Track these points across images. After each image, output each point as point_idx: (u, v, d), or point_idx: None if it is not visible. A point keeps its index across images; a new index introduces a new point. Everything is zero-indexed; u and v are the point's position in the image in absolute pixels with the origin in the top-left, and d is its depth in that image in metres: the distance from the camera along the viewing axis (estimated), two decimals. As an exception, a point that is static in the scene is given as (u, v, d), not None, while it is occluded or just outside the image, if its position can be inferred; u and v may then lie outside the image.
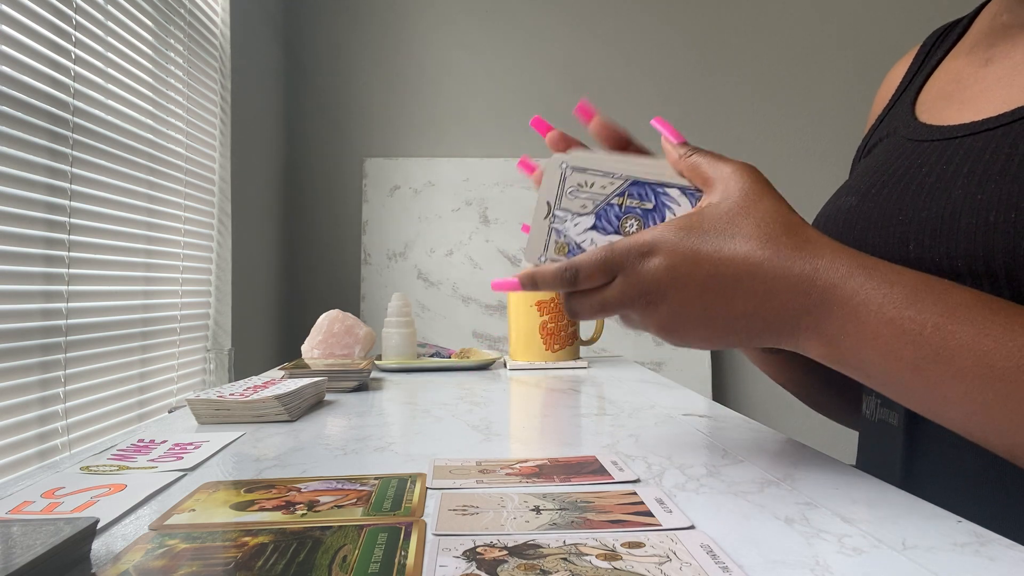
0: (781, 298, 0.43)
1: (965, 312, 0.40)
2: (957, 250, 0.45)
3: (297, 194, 2.29)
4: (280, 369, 0.95)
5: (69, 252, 1.07)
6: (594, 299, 0.48)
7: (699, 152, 0.48)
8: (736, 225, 0.45)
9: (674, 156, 0.49)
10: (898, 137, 0.58)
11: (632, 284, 0.46)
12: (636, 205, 0.49)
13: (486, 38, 2.33)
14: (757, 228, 0.44)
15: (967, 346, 0.39)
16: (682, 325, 0.46)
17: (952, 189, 0.47)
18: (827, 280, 0.42)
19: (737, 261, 0.44)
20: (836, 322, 0.42)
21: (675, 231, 0.46)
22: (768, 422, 0.77)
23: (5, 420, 0.94)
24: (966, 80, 0.56)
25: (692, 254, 0.45)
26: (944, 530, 0.37)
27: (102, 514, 0.40)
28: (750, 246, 0.44)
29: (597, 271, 0.47)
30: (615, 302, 0.47)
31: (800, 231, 0.44)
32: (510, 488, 0.45)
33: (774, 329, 0.45)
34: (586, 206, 0.50)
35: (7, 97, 0.94)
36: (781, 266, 0.43)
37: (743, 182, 0.46)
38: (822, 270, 0.43)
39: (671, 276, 0.45)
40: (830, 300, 0.42)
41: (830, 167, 2.31)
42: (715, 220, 0.45)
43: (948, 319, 0.40)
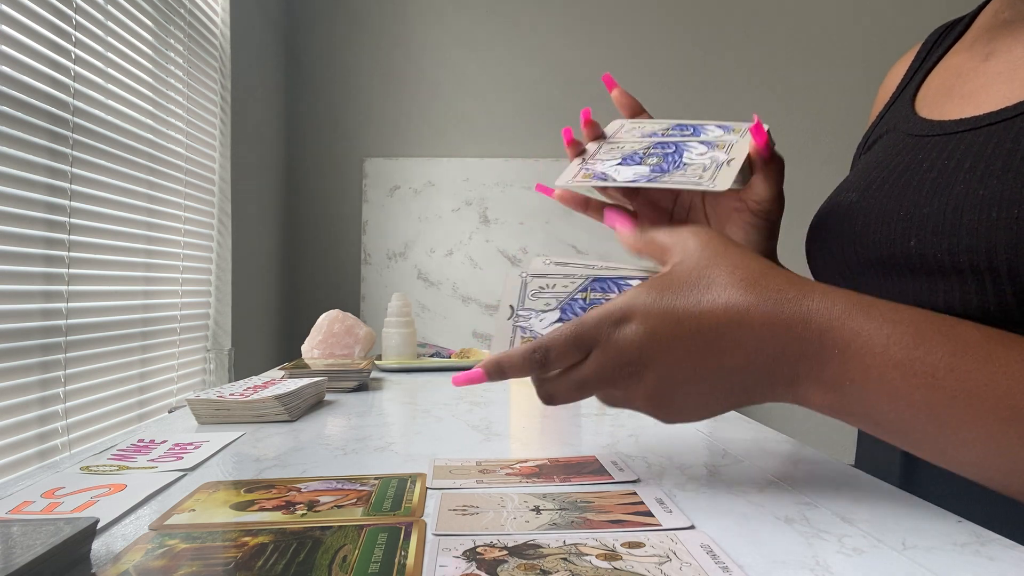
0: (775, 345, 0.40)
1: (977, 351, 0.38)
2: (959, 246, 0.45)
3: (297, 194, 2.29)
4: (280, 369, 0.95)
5: (69, 252, 1.07)
6: (570, 379, 0.44)
7: (652, 228, 0.47)
8: (709, 277, 0.42)
9: (630, 241, 0.48)
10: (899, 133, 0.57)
11: (610, 356, 0.43)
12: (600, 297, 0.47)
13: (486, 38, 2.33)
14: (731, 275, 0.41)
15: (984, 387, 0.37)
16: (672, 392, 0.43)
17: (954, 185, 0.47)
18: (824, 321, 0.39)
19: (719, 312, 0.41)
20: (838, 367, 0.39)
21: (647, 292, 0.42)
22: (768, 422, 0.77)
23: (5, 420, 0.94)
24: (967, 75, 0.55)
25: (670, 313, 0.41)
26: (944, 530, 0.37)
27: (102, 514, 0.40)
28: (729, 293, 0.41)
29: (569, 347, 0.43)
30: (594, 378, 0.44)
31: (778, 273, 0.42)
32: (510, 488, 0.45)
33: (770, 380, 0.41)
34: (550, 303, 0.48)
35: (7, 97, 0.94)
36: (769, 311, 0.40)
37: (701, 238, 0.44)
38: (815, 311, 0.40)
39: (651, 341, 0.42)
40: (829, 343, 0.39)
41: (830, 166, 2.31)
42: (685, 275, 0.42)
43: (961, 359, 0.37)
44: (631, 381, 0.43)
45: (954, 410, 0.37)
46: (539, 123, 2.31)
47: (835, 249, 0.55)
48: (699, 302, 0.41)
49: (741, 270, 0.42)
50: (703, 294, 0.41)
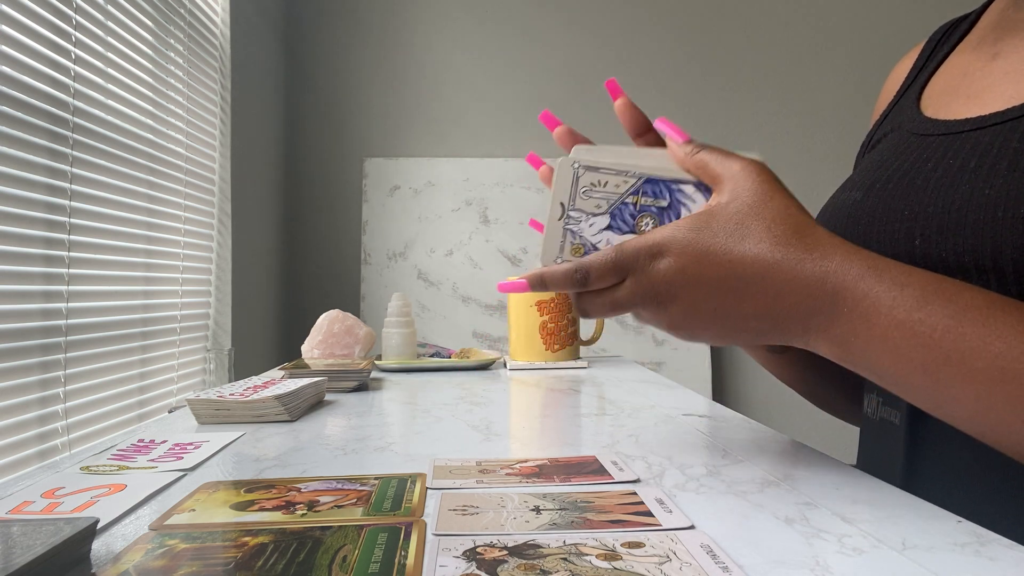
0: (791, 299, 0.43)
1: (976, 314, 0.40)
2: (964, 245, 0.45)
3: (297, 194, 2.29)
4: (280, 369, 0.95)
5: (69, 252, 1.07)
6: (605, 299, 0.48)
7: (706, 149, 0.48)
8: (747, 226, 0.44)
9: (680, 155, 0.49)
10: (903, 132, 0.57)
11: (642, 285, 0.46)
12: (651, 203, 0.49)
13: (486, 38, 2.33)
14: (768, 230, 0.44)
15: (977, 348, 0.39)
16: (692, 324, 0.47)
17: (959, 184, 0.47)
18: (838, 282, 0.42)
19: (747, 262, 0.44)
20: (846, 324, 0.43)
21: (685, 231, 0.45)
22: (768, 422, 0.77)
23: (5, 420, 0.94)
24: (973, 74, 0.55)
25: (702, 255, 0.45)
26: (944, 530, 0.37)
27: (102, 514, 0.40)
28: (760, 248, 0.44)
29: (607, 272, 0.47)
30: (626, 302, 0.48)
31: (811, 232, 0.44)
32: (510, 488, 0.45)
33: (783, 328, 0.45)
34: (600, 206, 0.49)
35: (7, 97, 0.94)
36: (792, 268, 0.43)
37: (752, 181, 0.46)
38: (832, 272, 0.43)
39: (682, 277, 0.45)
40: (840, 302, 0.42)
41: (830, 166, 2.31)
42: (725, 220, 0.45)
43: (958, 321, 0.40)
44: (659, 308, 0.47)
45: (948, 368, 0.40)
46: (539, 123, 2.31)
47: None
48: (731, 250, 0.44)
49: (778, 225, 0.44)
50: (736, 243, 0.44)
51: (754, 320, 0.45)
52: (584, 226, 0.49)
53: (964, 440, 0.45)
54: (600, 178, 0.49)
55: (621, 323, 2.22)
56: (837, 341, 0.44)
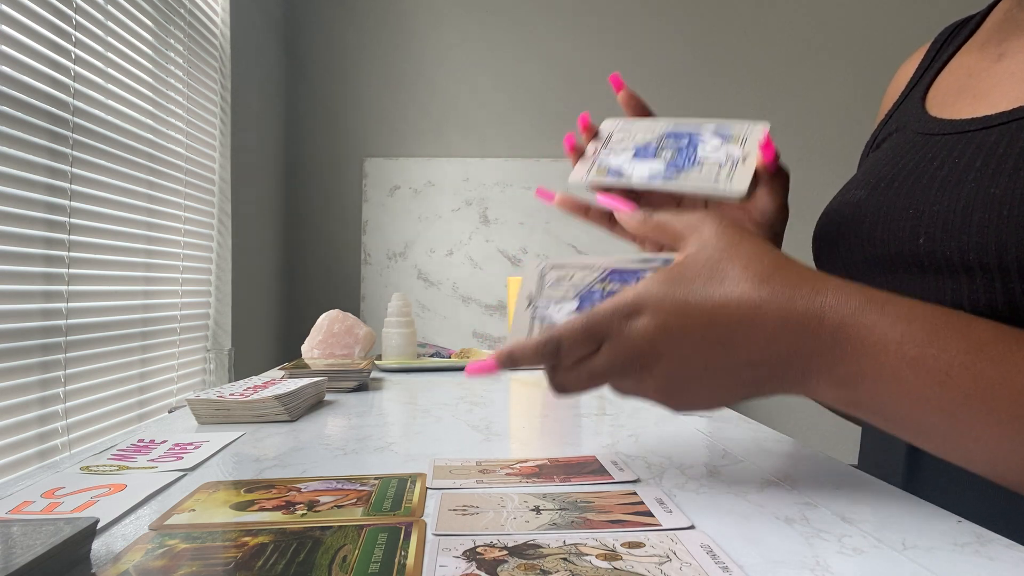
0: (786, 341, 0.40)
1: (991, 349, 0.37)
2: (969, 244, 0.45)
3: (297, 194, 2.29)
4: (280, 369, 0.95)
5: (69, 252, 1.07)
6: (581, 371, 0.44)
7: (659, 212, 0.47)
8: (722, 270, 0.41)
9: (633, 224, 0.47)
10: (909, 131, 0.57)
11: (621, 349, 0.42)
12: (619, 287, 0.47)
13: (486, 38, 2.33)
14: (745, 269, 0.41)
15: (998, 385, 0.37)
16: (683, 385, 0.43)
17: (964, 183, 0.47)
18: (837, 318, 0.39)
19: (732, 307, 0.40)
20: (851, 363, 0.39)
21: (658, 285, 0.42)
22: (768, 422, 0.77)
23: (5, 420, 0.94)
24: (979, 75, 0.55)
25: (681, 307, 0.41)
26: (944, 530, 0.37)
27: (102, 514, 0.40)
28: (742, 288, 0.41)
29: (580, 340, 0.43)
30: (604, 371, 0.43)
31: (794, 267, 0.41)
32: (510, 488, 0.45)
33: (781, 375, 0.41)
34: (568, 293, 0.48)
35: (7, 97, 0.94)
36: (782, 307, 0.40)
37: (716, 227, 0.43)
38: (829, 307, 0.39)
39: (662, 334, 0.41)
40: (842, 339, 0.39)
41: (831, 166, 2.31)
42: (698, 268, 0.42)
43: (975, 357, 0.37)
44: (642, 373, 0.43)
45: (968, 408, 0.37)
46: (539, 123, 2.31)
47: (842, 247, 0.55)
48: (711, 296, 0.41)
49: (755, 264, 0.41)
50: (716, 288, 0.41)
51: (748, 369, 0.41)
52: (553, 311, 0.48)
53: None
54: (566, 272, 0.49)
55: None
56: (843, 383, 0.40)
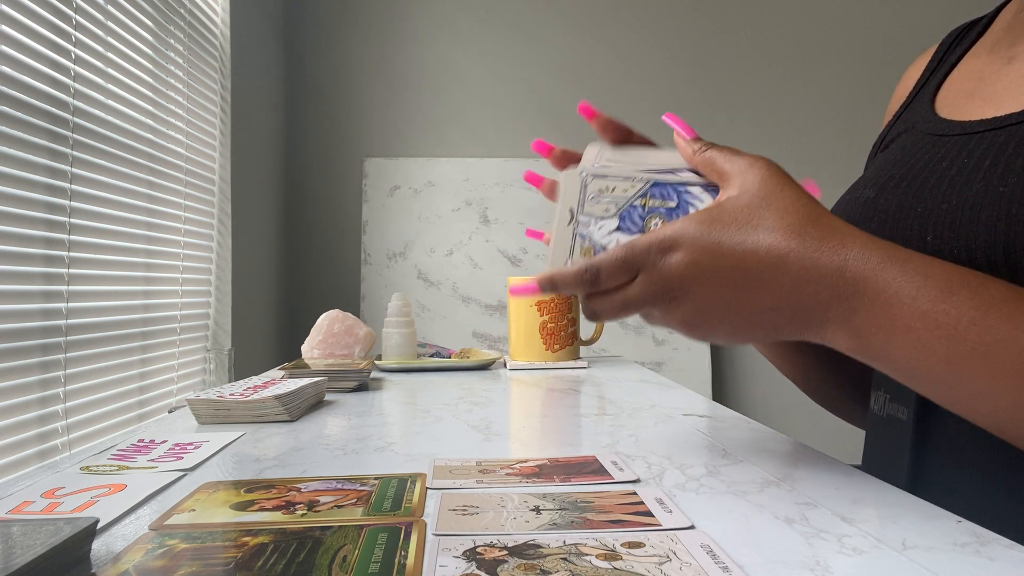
0: (808, 290, 0.42)
1: (1002, 307, 0.39)
2: (977, 242, 0.45)
3: (297, 194, 2.29)
4: (280, 369, 0.95)
5: (69, 252, 1.07)
6: (616, 298, 0.47)
7: (713, 147, 0.48)
8: (758, 216, 0.43)
9: (687, 152, 0.49)
10: (917, 132, 0.57)
11: (654, 281, 0.45)
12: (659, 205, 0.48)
13: (486, 39, 2.33)
14: (780, 219, 0.43)
15: (1004, 342, 0.38)
16: (706, 320, 0.45)
17: (973, 182, 0.47)
18: (857, 271, 0.41)
19: (761, 253, 0.43)
20: (866, 314, 0.41)
21: (696, 225, 0.44)
22: (768, 422, 0.77)
23: (5, 420, 0.94)
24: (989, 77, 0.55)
25: (714, 248, 0.44)
26: (944, 530, 0.37)
27: (102, 514, 0.40)
28: (774, 237, 0.43)
29: (618, 270, 0.46)
30: (637, 300, 0.46)
31: (825, 221, 0.43)
32: (510, 488, 0.45)
33: (800, 321, 0.44)
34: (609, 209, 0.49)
35: (7, 97, 0.94)
36: (808, 257, 0.42)
37: (761, 174, 0.45)
38: (851, 261, 0.41)
39: (694, 271, 0.44)
40: (861, 292, 0.41)
41: (831, 167, 2.31)
42: (736, 212, 0.44)
43: (984, 314, 0.39)
44: (671, 305, 0.46)
45: (972, 362, 0.39)
46: (539, 123, 2.31)
47: None
48: (744, 241, 0.43)
49: (791, 215, 0.43)
50: (749, 234, 0.43)
51: (770, 312, 0.44)
52: (593, 229, 0.49)
53: (971, 437, 0.45)
54: (608, 184, 0.49)
55: (622, 323, 2.22)
56: (857, 332, 0.42)
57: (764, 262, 0.43)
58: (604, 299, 0.48)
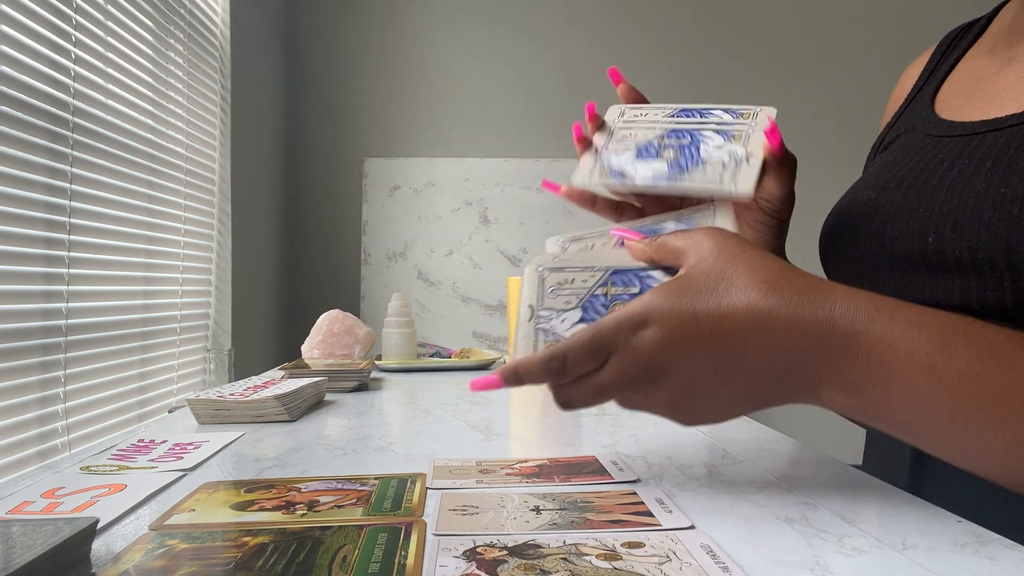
0: (797, 348, 0.39)
1: (1003, 355, 0.37)
2: (979, 243, 0.45)
3: (297, 194, 2.29)
4: (280, 369, 0.95)
5: (69, 252, 1.07)
6: (587, 385, 0.43)
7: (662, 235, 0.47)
8: (727, 278, 0.41)
9: (640, 252, 0.47)
10: (918, 133, 0.57)
11: (629, 362, 0.42)
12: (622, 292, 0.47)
13: (486, 38, 2.33)
14: (751, 277, 0.41)
15: (1009, 392, 0.36)
16: (693, 397, 0.42)
17: (975, 183, 0.47)
18: (847, 325, 0.39)
19: (740, 314, 0.40)
20: (861, 370, 0.39)
21: (664, 296, 0.42)
22: (768, 422, 0.77)
23: (5, 420, 0.94)
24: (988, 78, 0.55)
25: (689, 316, 0.41)
26: (944, 530, 0.37)
27: (102, 514, 0.40)
28: (750, 296, 0.40)
29: (586, 355, 0.42)
30: (612, 384, 0.43)
31: (800, 274, 0.41)
32: (510, 488, 0.45)
33: (792, 383, 0.41)
34: (570, 301, 0.47)
35: (7, 97, 0.94)
36: (792, 314, 0.39)
37: (716, 239, 0.43)
38: (839, 314, 0.39)
39: (671, 345, 0.41)
40: (854, 346, 0.39)
41: (831, 167, 2.31)
42: (703, 278, 0.42)
43: (986, 364, 0.37)
44: (650, 386, 0.42)
45: (980, 415, 0.37)
46: (539, 123, 2.31)
47: (851, 247, 0.55)
48: (719, 305, 0.41)
49: (761, 272, 0.41)
50: (722, 297, 0.41)
51: (759, 378, 0.41)
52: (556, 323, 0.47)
53: None
54: (566, 276, 0.48)
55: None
56: (852, 389, 0.40)
57: (746, 323, 0.40)
58: (575, 388, 0.44)
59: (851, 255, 0.55)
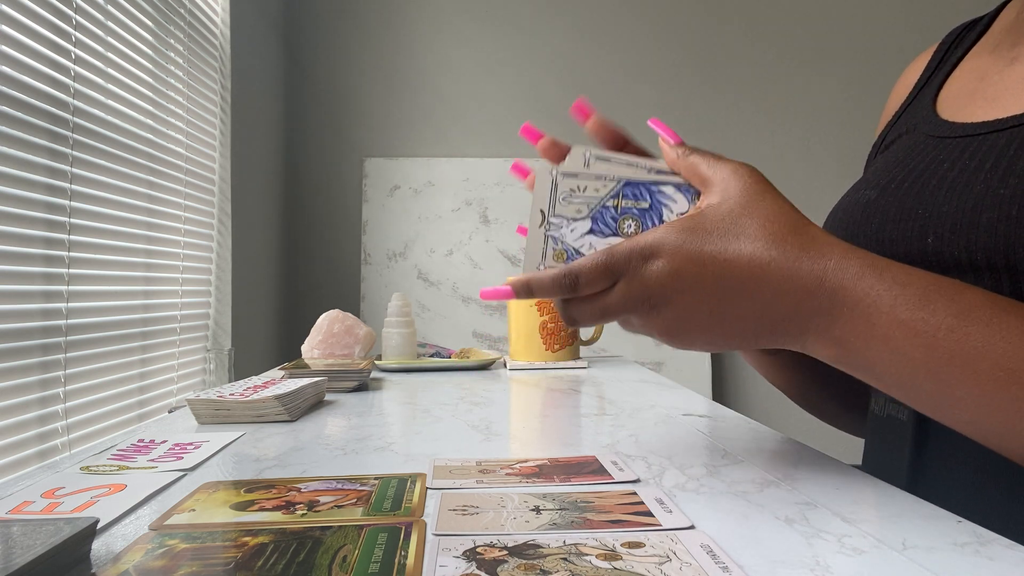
0: (789, 299, 0.42)
1: (979, 313, 0.39)
2: (977, 243, 0.45)
3: (297, 194, 2.29)
4: (280, 369, 0.95)
5: (69, 252, 1.07)
6: (595, 305, 0.47)
7: (696, 152, 0.48)
8: (740, 225, 0.43)
9: (671, 156, 0.48)
10: (919, 133, 0.57)
11: (635, 289, 0.45)
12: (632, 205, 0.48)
13: (486, 38, 2.33)
14: (762, 228, 0.43)
15: (981, 348, 0.38)
16: (687, 329, 0.45)
17: (974, 184, 0.47)
18: (837, 281, 0.42)
19: (743, 262, 0.43)
20: (846, 324, 0.42)
21: (677, 233, 0.44)
22: (768, 422, 0.77)
23: (5, 420, 0.94)
24: (991, 78, 0.55)
25: (696, 256, 0.44)
26: (944, 530, 0.37)
27: (102, 514, 0.40)
28: (755, 246, 0.43)
29: (598, 276, 0.45)
30: (617, 307, 0.46)
31: (806, 230, 0.43)
32: (510, 488, 0.45)
33: (781, 330, 0.44)
34: (581, 210, 0.48)
35: (7, 97, 0.94)
36: (789, 267, 0.42)
37: (743, 181, 0.45)
38: (831, 271, 0.42)
39: (675, 280, 0.44)
40: (840, 301, 0.41)
41: (831, 168, 2.31)
42: (717, 220, 0.44)
43: (962, 320, 0.39)
44: (651, 314, 0.45)
45: (951, 369, 0.39)
46: (539, 123, 2.28)
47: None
48: (725, 250, 0.43)
49: (772, 223, 0.43)
50: (731, 243, 0.43)
51: (751, 321, 0.44)
52: (566, 231, 0.48)
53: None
54: (579, 183, 0.48)
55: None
56: (836, 341, 0.43)
57: (745, 271, 0.43)
58: (583, 305, 0.47)
59: None
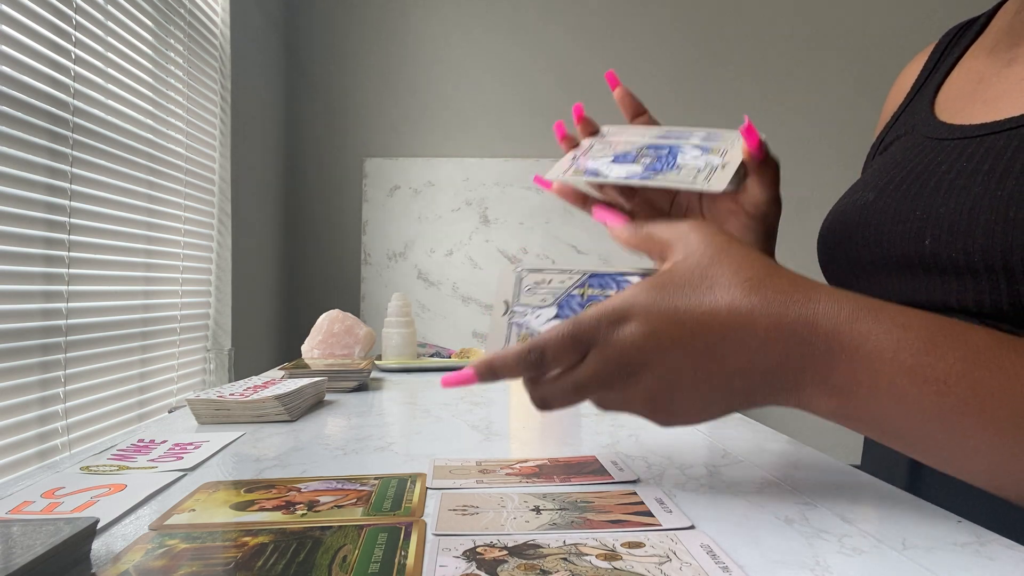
0: (779, 348, 0.39)
1: (988, 357, 0.37)
2: (974, 245, 0.45)
3: (297, 194, 2.29)
4: (280, 369, 0.95)
5: (69, 252, 1.07)
6: (566, 382, 0.42)
7: (648, 223, 0.46)
8: (711, 275, 0.40)
9: (625, 236, 0.46)
10: (917, 135, 0.57)
11: (608, 357, 0.41)
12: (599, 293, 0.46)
13: (486, 39, 2.33)
14: (735, 275, 0.40)
15: (996, 394, 0.36)
16: (671, 395, 0.41)
17: (972, 186, 0.47)
18: (830, 325, 0.38)
19: (723, 313, 0.39)
20: (845, 372, 0.38)
21: (647, 291, 0.41)
22: (768, 422, 0.77)
23: (5, 420, 0.94)
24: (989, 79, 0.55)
25: (670, 313, 0.40)
26: (944, 530, 0.37)
27: (102, 514, 0.40)
28: (733, 294, 0.39)
29: (566, 348, 0.41)
30: (591, 381, 0.41)
31: (784, 274, 0.40)
32: (510, 488, 0.45)
33: (774, 384, 0.40)
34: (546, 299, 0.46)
35: (7, 97, 0.94)
36: (774, 313, 0.39)
37: (703, 233, 0.42)
38: (822, 315, 0.38)
39: (651, 340, 0.40)
40: (836, 348, 0.38)
41: (830, 168, 2.31)
42: (687, 274, 0.41)
43: (972, 366, 0.36)
44: (629, 383, 0.41)
45: (965, 418, 0.36)
46: (539, 123, 2.31)
47: (849, 249, 0.55)
48: (701, 302, 0.40)
49: (746, 270, 0.40)
50: (706, 294, 0.40)
51: (740, 379, 0.40)
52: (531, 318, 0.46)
53: None
54: (544, 277, 0.47)
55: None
56: (836, 392, 0.39)
57: (727, 321, 0.39)
58: (553, 384, 0.43)
59: (849, 257, 0.55)
